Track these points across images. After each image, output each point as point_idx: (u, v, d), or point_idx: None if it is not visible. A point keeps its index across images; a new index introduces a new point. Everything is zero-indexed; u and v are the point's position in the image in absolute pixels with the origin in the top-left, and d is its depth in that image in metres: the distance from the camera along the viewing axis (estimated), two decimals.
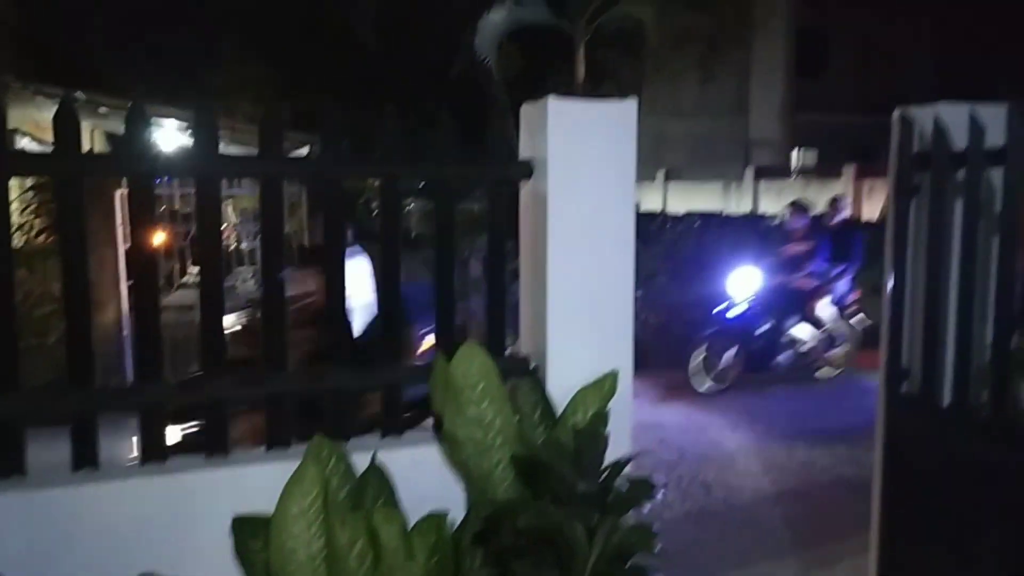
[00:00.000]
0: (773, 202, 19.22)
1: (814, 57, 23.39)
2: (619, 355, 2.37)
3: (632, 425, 2.38)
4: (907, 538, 2.91)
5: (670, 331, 8.35)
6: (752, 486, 5.10)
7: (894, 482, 2.96)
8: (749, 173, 21.20)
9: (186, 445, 2.63)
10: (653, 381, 7.23)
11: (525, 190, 2.41)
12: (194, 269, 9.52)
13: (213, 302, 2.17)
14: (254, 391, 2.21)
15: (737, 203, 20.63)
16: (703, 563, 3.93)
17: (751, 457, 5.68)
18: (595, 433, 2.12)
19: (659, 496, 4.43)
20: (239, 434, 2.53)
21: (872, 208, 16.35)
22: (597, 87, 12.44)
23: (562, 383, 2.31)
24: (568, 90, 11.50)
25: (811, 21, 22.73)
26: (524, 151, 2.39)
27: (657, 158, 22.14)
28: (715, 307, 7.53)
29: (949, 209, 2.74)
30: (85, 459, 2.06)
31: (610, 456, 2.13)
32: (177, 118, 9.49)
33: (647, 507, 2.13)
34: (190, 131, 2.19)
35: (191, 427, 3.17)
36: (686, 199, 20.70)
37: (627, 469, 2.14)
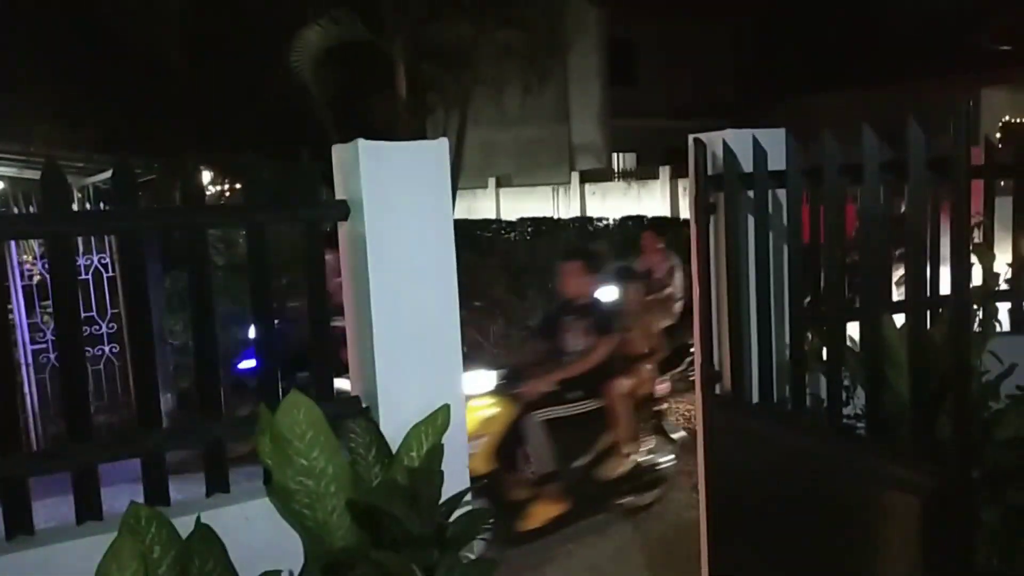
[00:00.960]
0: (599, 204, 20.09)
1: (625, 66, 24.66)
2: (450, 388, 2.40)
3: (467, 459, 2.42)
4: (730, 527, 3.14)
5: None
6: None
7: (715, 477, 3.18)
8: (575, 177, 22.05)
9: None
10: None
11: (343, 230, 2.39)
12: None
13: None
14: (56, 464, 2.05)
15: (567, 207, 21.39)
16: None
17: None
18: (430, 472, 2.13)
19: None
20: None
21: (688, 206, 17.43)
22: (421, 102, 12.48)
23: (396, 421, 2.31)
24: (391, 105, 11.47)
25: (620, 32, 23.94)
26: (339, 191, 2.37)
27: (487, 166, 22.53)
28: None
29: (743, 224, 2.98)
30: None
31: (448, 490, 2.15)
32: None
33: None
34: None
35: None
36: (517, 205, 21.19)
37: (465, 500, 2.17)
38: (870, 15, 20.43)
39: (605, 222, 13.30)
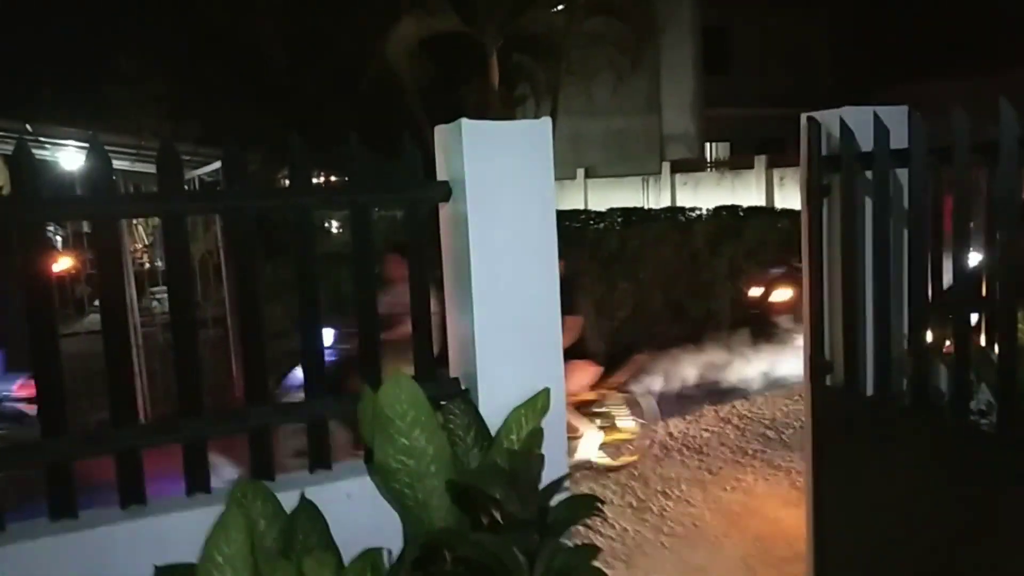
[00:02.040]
0: (690, 195, 19.68)
1: (719, 55, 24.07)
2: (550, 371, 2.35)
3: (566, 443, 2.37)
4: (840, 525, 2.99)
5: None
6: None
7: (825, 472, 3.03)
8: (666, 168, 21.67)
9: None
10: None
11: (445, 211, 2.36)
12: None
13: (118, 348, 2.04)
14: (170, 437, 2.10)
15: (656, 198, 21.04)
16: None
17: None
18: (530, 454, 2.09)
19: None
20: None
21: (784, 196, 16.89)
22: (512, 92, 12.47)
23: (495, 403, 2.28)
24: (483, 96, 11.50)
25: (715, 20, 23.38)
26: (441, 172, 2.35)
27: (576, 157, 22.40)
28: None
29: (860, 208, 2.82)
30: None
31: (548, 475, 2.11)
32: (77, 139, 9.07)
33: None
34: (86, 174, 2.04)
35: None
36: (607, 196, 21.00)
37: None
38: (978, 3, 19.27)
39: (698, 212, 12.98)
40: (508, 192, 2.26)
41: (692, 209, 13.85)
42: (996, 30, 18.28)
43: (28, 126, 10.36)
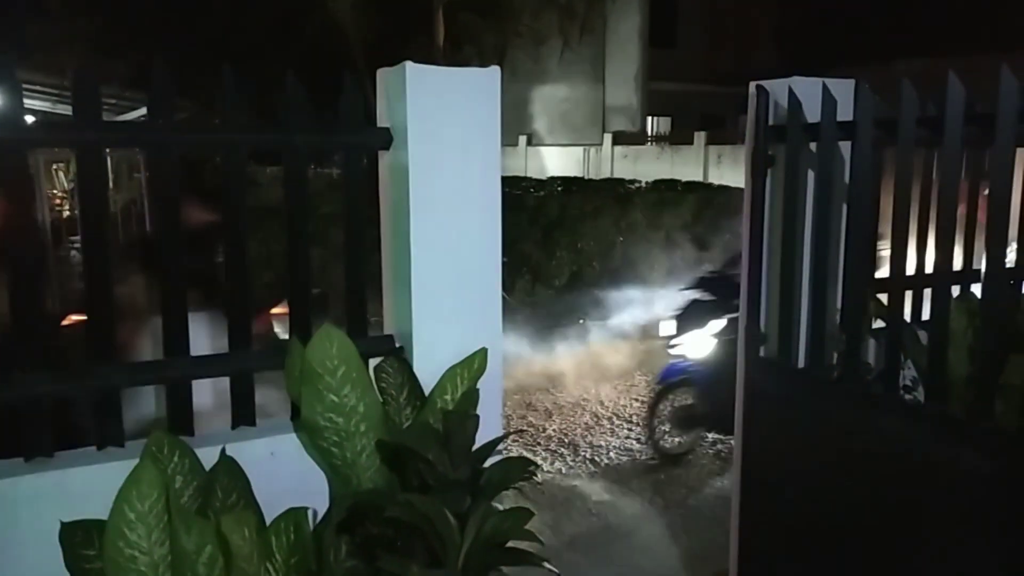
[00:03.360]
0: (630, 167, 19.78)
1: (666, 28, 24.11)
2: (488, 331, 2.28)
3: (502, 406, 2.31)
4: (764, 495, 3.03)
5: None
6: None
7: (753, 441, 3.06)
8: (607, 139, 21.71)
9: None
10: None
11: (384, 160, 2.26)
12: None
13: (27, 288, 1.89)
14: (80, 385, 1.96)
15: (597, 169, 21.08)
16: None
17: None
18: (464, 415, 2.03)
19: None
20: None
21: (721, 174, 17.12)
22: (457, 52, 12.23)
23: (430, 362, 2.20)
24: (428, 54, 11.25)
25: None
26: (382, 119, 2.23)
27: (518, 124, 22.26)
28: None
29: (803, 180, 2.82)
30: None
31: (482, 437, 2.05)
32: None
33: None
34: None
35: None
36: (547, 164, 20.94)
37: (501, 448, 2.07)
38: None
39: (637, 185, 13.06)
40: (452, 142, 2.16)
41: (631, 182, 13.93)
42: (943, 13, 18.75)
43: None
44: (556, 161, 21.26)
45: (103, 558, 1.75)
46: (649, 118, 24.88)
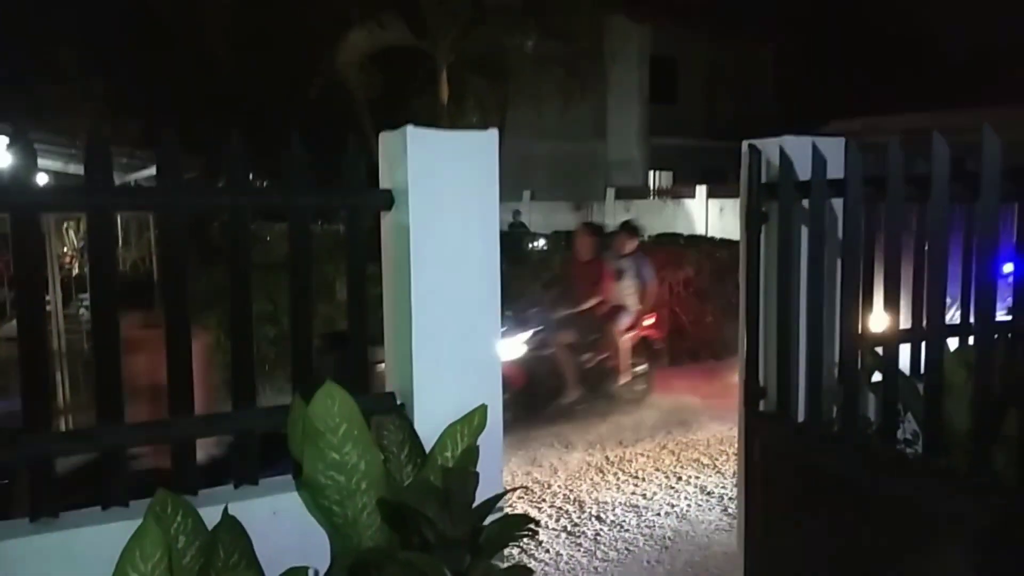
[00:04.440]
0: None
1: (666, 84, 24.57)
2: (488, 388, 2.31)
3: (501, 463, 2.33)
4: (767, 547, 3.01)
5: None
6: None
7: (755, 495, 3.05)
8: (610, 193, 21.95)
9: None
10: None
11: (386, 220, 2.32)
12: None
13: (34, 352, 1.94)
14: (86, 446, 1.99)
15: (601, 222, 21.27)
16: None
17: None
18: (464, 472, 2.05)
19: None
20: None
21: (723, 227, 17.27)
22: (461, 110, 12.48)
23: (430, 419, 2.23)
24: (431, 112, 11.48)
25: (663, 50, 23.88)
26: (384, 180, 2.30)
27: (522, 179, 22.52)
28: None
29: (796, 235, 2.87)
30: None
31: (482, 494, 2.07)
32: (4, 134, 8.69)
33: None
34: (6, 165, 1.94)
35: None
36: (552, 219, 21.13)
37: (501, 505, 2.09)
38: (918, 41, 20.14)
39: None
40: (452, 203, 2.23)
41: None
42: (936, 71, 19.11)
43: None
44: (561, 215, 21.46)
45: None
46: (652, 172, 25.17)
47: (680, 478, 5.80)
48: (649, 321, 7.74)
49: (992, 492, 2.22)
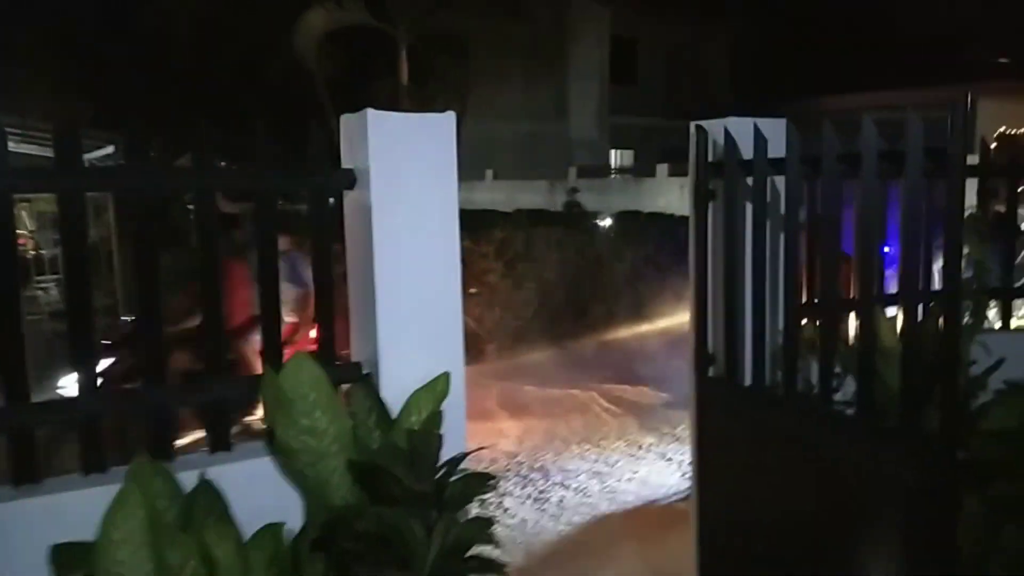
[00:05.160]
0: (595, 199, 20.16)
1: (627, 65, 24.73)
2: (450, 357, 2.44)
3: (466, 424, 2.47)
4: (718, 503, 3.21)
5: None
6: None
7: (706, 456, 3.24)
8: (572, 172, 22.09)
9: None
10: None
11: (349, 199, 2.43)
12: None
13: (9, 330, 2.02)
14: (63, 415, 2.09)
15: (562, 201, 21.43)
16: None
17: None
18: (429, 434, 2.18)
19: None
20: None
21: (683, 204, 17.53)
22: (422, 90, 12.50)
23: (396, 387, 2.36)
24: (392, 93, 11.50)
25: (623, 31, 24.00)
26: (346, 161, 2.41)
27: (485, 159, 22.56)
28: None
29: (741, 212, 3.03)
30: None
31: (446, 455, 2.20)
32: None
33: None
34: None
35: None
36: (514, 197, 21.22)
37: (464, 465, 2.22)
38: (871, 23, 20.55)
39: (601, 216, 13.37)
40: (411, 182, 2.34)
41: (596, 213, 14.25)
42: (888, 53, 19.54)
43: None
44: (523, 194, 21.57)
45: None
46: (613, 151, 25.37)
47: None
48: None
49: (919, 449, 2.42)
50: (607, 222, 12.61)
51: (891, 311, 3.19)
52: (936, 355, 2.62)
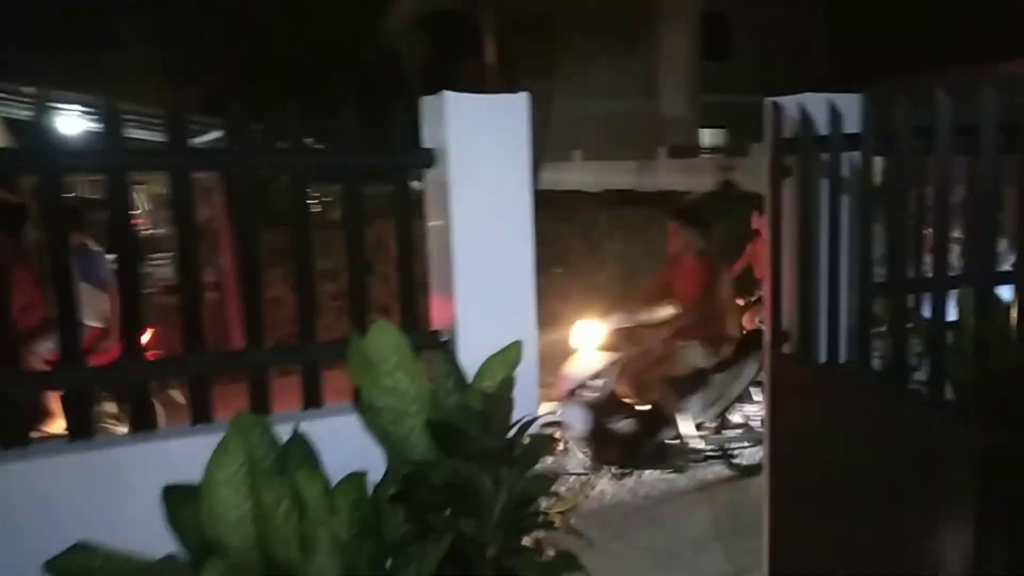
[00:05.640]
0: (684, 180, 19.90)
1: (718, 41, 24.18)
2: (523, 326, 2.58)
3: (537, 391, 2.60)
4: (792, 477, 3.24)
5: None
6: None
7: (780, 433, 3.28)
8: (662, 152, 21.85)
9: None
10: None
11: (429, 177, 2.58)
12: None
13: (132, 289, 2.27)
14: (176, 371, 2.33)
15: (652, 181, 21.23)
16: None
17: None
18: (501, 397, 2.32)
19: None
20: None
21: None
22: (509, 71, 12.63)
23: (472, 354, 2.51)
24: (479, 74, 11.68)
25: (714, 6, 23.47)
26: (427, 141, 2.56)
27: (572, 139, 22.53)
28: None
29: (816, 187, 3.04)
30: (13, 438, 2.15)
31: (518, 418, 2.35)
32: (76, 103, 9.17)
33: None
34: (99, 126, 2.26)
35: None
36: (603, 178, 21.16)
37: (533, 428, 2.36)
38: None
39: (690, 196, 13.24)
40: (487, 159, 2.48)
41: (685, 192, 14.11)
42: (989, 23, 18.49)
43: (28, 88, 10.44)
44: (612, 175, 21.49)
45: (198, 514, 2.09)
46: (703, 130, 24.93)
47: None
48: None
49: (987, 425, 2.41)
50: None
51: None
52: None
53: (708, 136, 25.13)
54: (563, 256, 9.95)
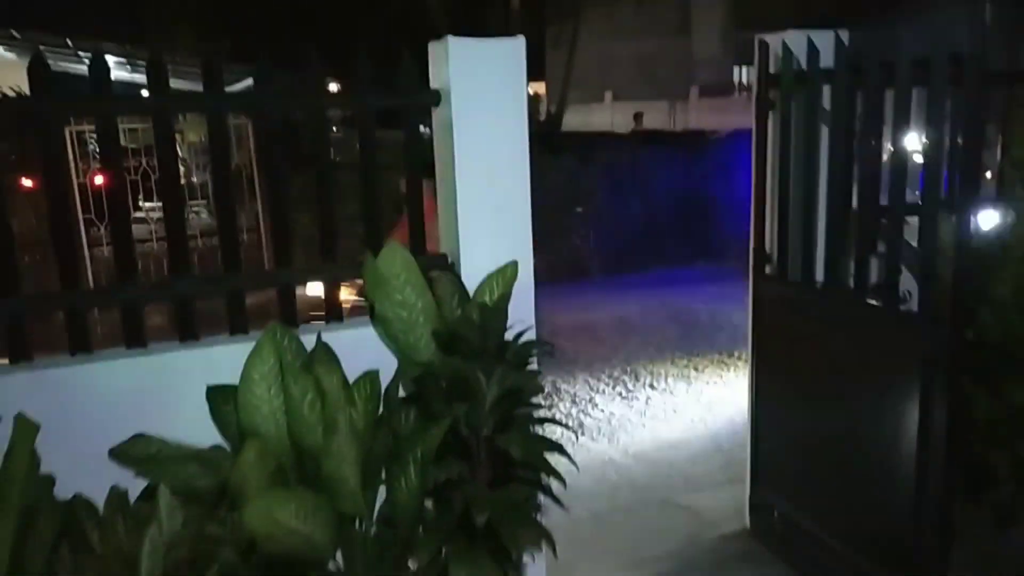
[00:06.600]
0: (716, 119, 19.77)
1: None
2: (520, 249, 2.88)
3: (533, 306, 2.92)
4: (770, 376, 3.55)
5: None
6: None
7: (761, 342, 3.57)
8: (694, 92, 21.68)
9: None
10: None
11: (435, 115, 2.87)
12: (146, 204, 9.82)
13: (177, 219, 2.62)
14: (217, 287, 2.69)
15: (684, 121, 21.11)
16: None
17: None
18: (497, 309, 2.65)
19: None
20: None
21: None
22: (538, 13, 12.67)
23: (474, 274, 2.83)
24: (504, 18, 11.77)
25: None
26: (433, 82, 2.84)
27: (603, 79, 22.42)
28: None
29: (796, 119, 3.27)
30: (80, 345, 2.53)
31: (515, 330, 2.67)
32: (113, 53, 9.54)
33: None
34: (144, 70, 2.58)
35: None
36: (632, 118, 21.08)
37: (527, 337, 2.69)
38: None
39: (716, 135, 13.28)
40: (486, 98, 2.75)
41: (713, 132, 14.13)
42: None
43: (69, 40, 10.84)
44: (644, 115, 21.41)
45: (237, 409, 2.46)
46: (737, 68, 24.59)
47: None
48: None
49: (924, 328, 2.67)
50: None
51: None
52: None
53: (743, 74, 24.77)
54: (585, 197, 10.16)
